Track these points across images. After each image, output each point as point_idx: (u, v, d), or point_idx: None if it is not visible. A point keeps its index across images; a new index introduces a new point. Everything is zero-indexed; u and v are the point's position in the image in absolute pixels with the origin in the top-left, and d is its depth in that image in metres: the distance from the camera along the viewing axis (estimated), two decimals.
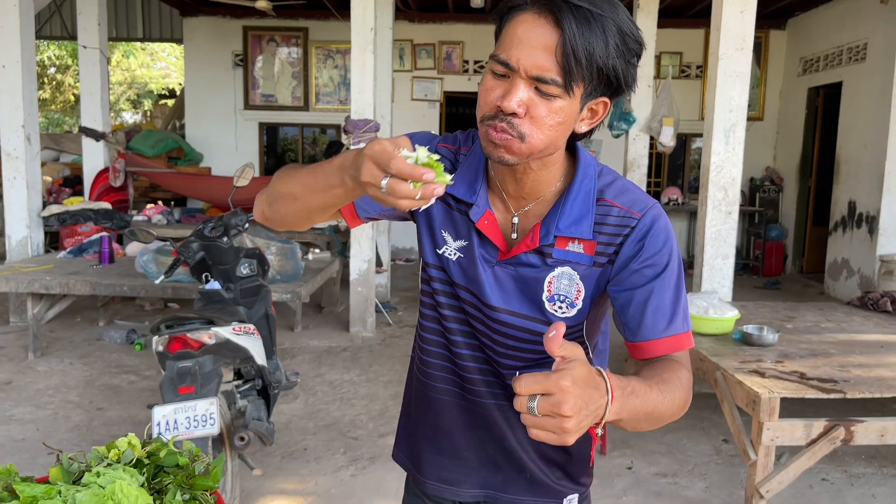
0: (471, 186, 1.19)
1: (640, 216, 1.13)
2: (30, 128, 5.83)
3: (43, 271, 4.95)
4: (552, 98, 1.02)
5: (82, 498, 0.99)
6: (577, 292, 1.15)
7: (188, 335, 2.82)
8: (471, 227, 1.19)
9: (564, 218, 1.14)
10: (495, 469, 1.32)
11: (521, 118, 1.03)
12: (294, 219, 1.19)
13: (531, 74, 1.00)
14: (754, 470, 3.06)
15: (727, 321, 3.81)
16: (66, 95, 19.56)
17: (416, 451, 1.39)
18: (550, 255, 1.15)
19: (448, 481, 1.35)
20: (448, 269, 1.23)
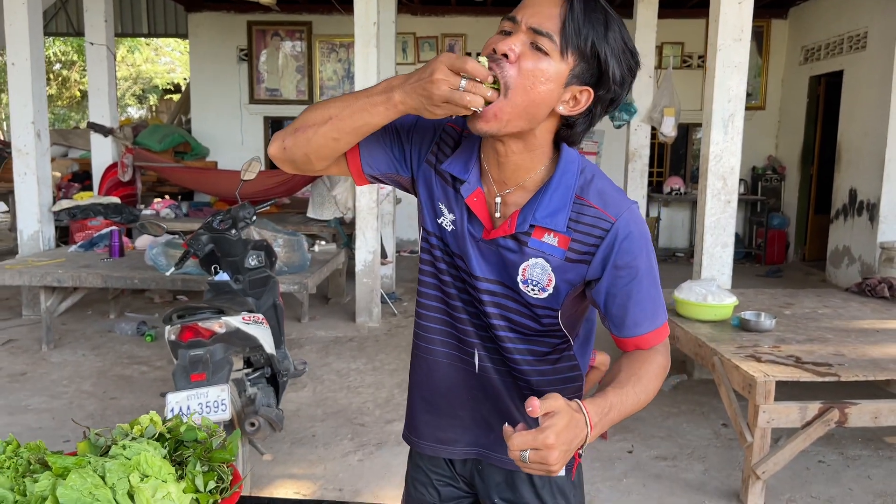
0: (465, 165, 1.27)
1: (614, 220, 1.19)
2: (39, 124, 5.93)
3: (55, 265, 5.05)
4: (543, 55, 1.09)
5: (111, 466, 1.08)
6: (548, 280, 1.23)
7: (199, 324, 2.91)
8: (462, 203, 1.28)
9: (542, 209, 1.20)
10: (487, 428, 1.40)
11: (511, 63, 1.09)
12: (318, 145, 1.22)
13: (530, 25, 1.09)
14: (751, 451, 3.14)
15: (725, 308, 3.89)
16: (71, 91, 19.67)
17: (414, 415, 1.48)
18: (526, 244, 1.22)
19: (442, 441, 1.45)
20: (445, 238, 1.32)
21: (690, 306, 3.90)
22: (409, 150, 1.33)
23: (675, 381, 4.65)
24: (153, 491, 1.09)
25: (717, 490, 3.34)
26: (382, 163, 1.33)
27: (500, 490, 1.44)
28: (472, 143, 1.29)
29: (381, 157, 1.32)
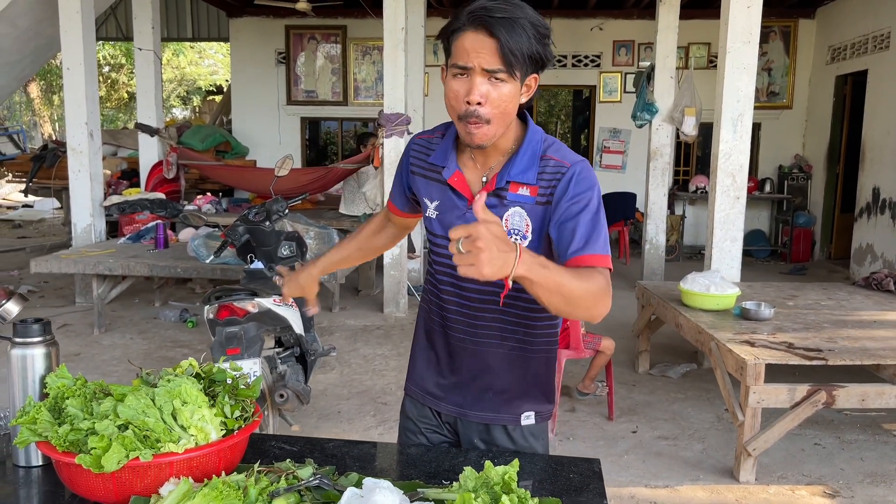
0: (444, 155, 1.60)
1: (569, 165, 1.49)
2: (92, 124, 6.37)
3: (106, 255, 5.46)
4: (502, 83, 1.39)
5: (159, 392, 1.39)
6: (525, 226, 1.52)
7: (235, 304, 3.24)
8: (444, 188, 1.59)
9: (515, 168, 1.50)
10: (467, 392, 1.70)
11: (484, 105, 1.40)
12: None
13: (485, 68, 1.37)
14: (742, 430, 3.36)
15: (728, 298, 4.09)
16: (119, 93, 20.43)
17: (414, 368, 1.81)
18: (505, 197, 1.51)
19: (432, 394, 1.75)
20: (432, 227, 1.64)
21: (694, 296, 4.11)
22: (405, 180, 1.72)
23: (684, 370, 4.85)
24: (191, 413, 1.39)
25: (713, 467, 3.56)
26: (402, 199, 1.77)
27: (479, 432, 1.73)
28: (448, 140, 1.61)
29: (402, 195, 1.76)
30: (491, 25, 1.35)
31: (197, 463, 1.33)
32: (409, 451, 1.64)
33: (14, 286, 6.89)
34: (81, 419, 1.35)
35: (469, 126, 1.43)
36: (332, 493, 1.36)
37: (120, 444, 1.27)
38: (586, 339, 4.00)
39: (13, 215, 12.98)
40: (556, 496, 1.41)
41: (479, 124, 1.42)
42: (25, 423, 1.36)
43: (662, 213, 7.49)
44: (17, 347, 1.51)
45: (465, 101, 1.40)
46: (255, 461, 1.51)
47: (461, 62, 1.39)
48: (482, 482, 1.32)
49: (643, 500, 3.22)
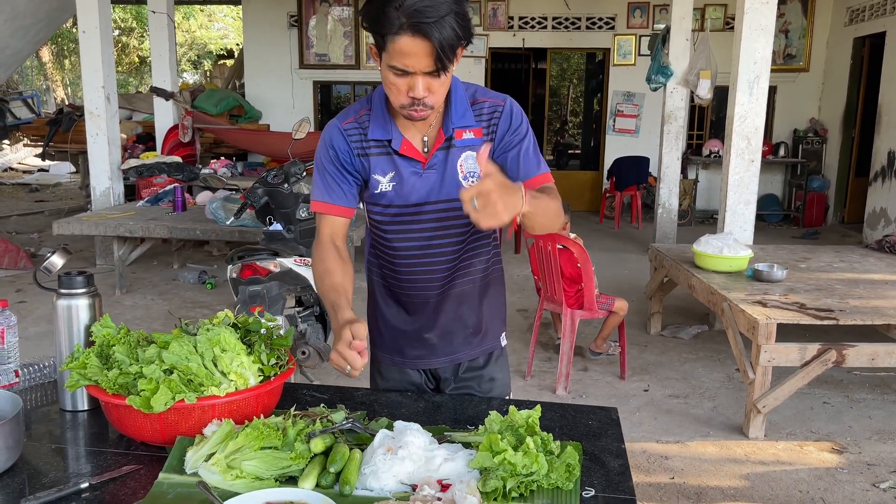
0: (384, 128, 1.64)
1: (503, 103, 1.65)
2: (108, 88, 6.41)
3: (126, 218, 5.55)
4: (441, 75, 1.46)
5: (200, 339, 1.46)
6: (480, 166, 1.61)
7: (258, 263, 3.32)
8: (393, 158, 1.65)
9: (454, 116, 1.61)
10: (451, 338, 1.81)
11: (428, 96, 1.48)
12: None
13: (424, 71, 1.44)
14: (752, 388, 3.43)
15: (740, 259, 4.13)
16: (130, 57, 20.39)
17: (391, 340, 1.87)
18: (455, 145, 1.62)
19: (424, 357, 1.84)
20: (385, 200, 1.68)
21: (707, 258, 4.16)
22: (349, 168, 1.68)
23: (695, 331, 4.92)
24: (231, 359, 1.46)
25: (723, 424, 3.64)
26: (350, 195, 1.70)
27: (453, 374, 1.87)
28: (379, 113, 1.64)
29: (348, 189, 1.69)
30: (426, 31, 1.39)
31: (237, 406, 1.41)
32: (435, 399, 1.71)
33: (35, 249, 7.01)
34: (129, 364, 1.43)
35: (415, 114, 1.51)
36: (364, 436, 1.44)
37: (167, 387, 1.35)
38: (600, 300, 4.06)
39: (30, 179, 13.10)
40: (576, 440, 1.48)
41: (425, 110, 1.51)
42: (75, 368, 1.44)
43: (676, 178, 7.49)
44: (62, 298, 1.59)
45: (410, 96, 1.48)
46: (289, 407, 1.59)
47: (400, 65, 1.43)
48: (507, 425, 1.40)
49: (654, 454, 3.31)
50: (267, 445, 1.30)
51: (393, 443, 1.35)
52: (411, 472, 1.29)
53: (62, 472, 1.34)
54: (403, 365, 1.87)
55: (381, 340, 1.91)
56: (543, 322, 4.88)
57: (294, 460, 1.28)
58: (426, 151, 1.65)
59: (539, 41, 9.93)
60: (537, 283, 4.33)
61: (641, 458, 3.25)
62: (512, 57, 10.76)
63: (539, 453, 1.29)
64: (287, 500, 1.20)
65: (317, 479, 1.26)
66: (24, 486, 1.28)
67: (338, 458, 1.29)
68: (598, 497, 1.28)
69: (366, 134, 1.65)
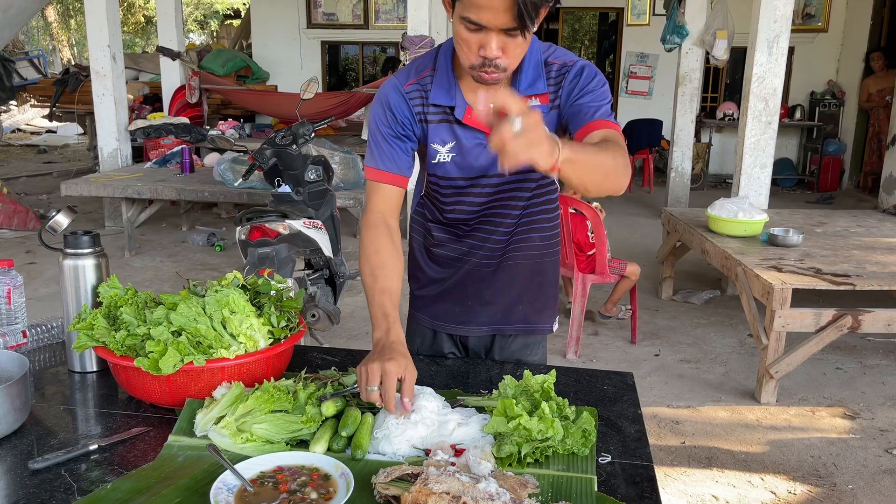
0: (447, 93, 1.51)
1: (572, 63, 1.48)
2: (115, 47, 6.32)
3: (134, 179, 5.52)
4: (517, 35, 1.29)
5: (209, 301, 1.43)
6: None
7: (266, 225, 3.28)
8: (456, 128, 1.53)
9: (522, 83, 1.47)
10: (497, 309, 1.75)
11: (501, 57, 1.32)
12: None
13: (501, 28, 1.27)
14: (766, 353, 3.40)
15: (755, 224, 4.07)
16: (136, 17, 20.15)
17: (434, 303, 1.80)
18: None
19: (465, 322, 1.78)
20: (443, 172, 1.58)
21: (722, 222, 4.09)
22: (410, 135, 1.55)
23: (707, 296, 4.88)
24: (240, 322, 1.43)
25: (734, 389, 3.62)
26: (407, 163, 1.57)
27: (485, 346, 1.82)
28: (444, 74, 1.50)
29: (405, 158, 1.56)
30: None
31: (247, 369, 1.39)
32: (448, 363, 1.68)
33: (44, 210, 7.00)
34: (136, 326, 1.40)
35: (485, 76, 1.35)
36: None
37: (175, 349, 1.32)
38: (612, 265, 4.02)
39: (38, 140, 13.06)
40: (591, 405, 1.45)
41: (497, 72, 1.35)
42: (83, 329, 1.41)
43: (689, 141, 7.37)
44: (69, 258, 1.55)
45: (481, 55, 1.32)
46: (299, 370, 1.57)
47: (474, 18, 1.27)
48: (522, 389, 1.37)
49: (665, 418, 3.30)
50: (277, 409, 1.28)
51: None
52: (424, 436, 1.27)
53: (71, 433, 1.32)
54: (443, 329, 1.80)
55: (418, 301, 1.84)
56: None
57: (305, 424, 1.26)
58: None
59: None
60: None
61: (652, 423, 3.23)
62: None
63: (554, 418, 1.26)
64: (298, 464, 1.18)
65: (328, 443, 1.24)
66: (32, 447, 1.26)
67: (349, 421, 1.27)
68: (614, 463, 1.25)
69: (427, 97, 1.51)
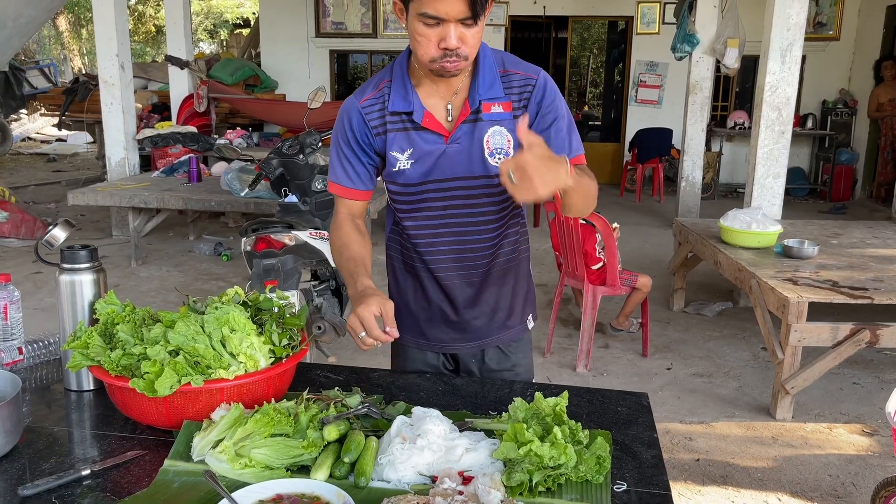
0: (405, 99, 1.53)
1: (536, 77, 1.54)
2: (123, 56, 6.31)
3: (140, 188, 5.49)
4: (473, 25, 1.38)
5: (208, 319, 1.38)
6: (507, 142, 1.53)
7: (272, 236, 3.24)
8: (414, 133, 1.53)
9: (481, 86, 1.51)
10: (478, 322, 1.71)
11: (462, 46, 1.39)
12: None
13: (458, 18, 1.35)
14: (781, 368, 3.32)
15: (769, 235, 3.99)
16: (147, 26, 20.26)
17: (414, 323, 1.77)
18: (482, 119, 1.51)
19: (448, 341, 1.74)
20: (404, 178, 1.57)
21: (735, 233, 4.02)
22: (368, 150, 1.59)
23: (720, 308, 4.80)
24: (240, 340, 1.38)
25: (749, 404, 3.54)
26: (367, 178, 1.62)
27: (475, 358, 1.77)
28: (399, 82, 1.53)
29: (365, 173, 1.62)
30: None
31: (247, 389, 1.34)
32: (455, 382, 1.63)
33: (52, 219, 6.99)
34: (133, 344, 1.36)
35: (448, 65, 1.41)
36: (381, 422, 1.36)
37: (172, 370, 1.27)
38: (622, 276, 3.95)
39: (47, 149, 13.10)
40: (605, 429, 1.39)
41: (458, 61, 1.41)
42: (77, 348, 1.37)
43: (700, 150, 7.30)
44: (65, 273, 1.51)
45: (442, 48, 1.39)
46: (302, 389, 1.51)
47: (432, 12, 1.35)
48: (532, 413, 1.31)
49: (678, 435, 3.23)
50: (278, 432, 1.23)
51: (411, 430, 1.27)
52: (431, 462, 1.21)
53: (64, 457, 1.28)
54: (427, 347, 1.77)
55: (401, 321, 1.81)
56: (563, 297, 4.78)
57: (306, 449, 1.21)
58: (450, 122, 1.53)
59: (560, 9, 9.68)
60: (558, 259, 4.22)
61: (665, 439, 3.16)
62: (532, 25, 10.52)
63: (567, 444, 1.20)
64: (298, 492, 1.13)
65: (330, 470, 1.19)
66: (23, 471, 1.21)
67: (353, 447, 1.22)
68: (630, 492, 1.19)
69: (386, 108, 1.54)
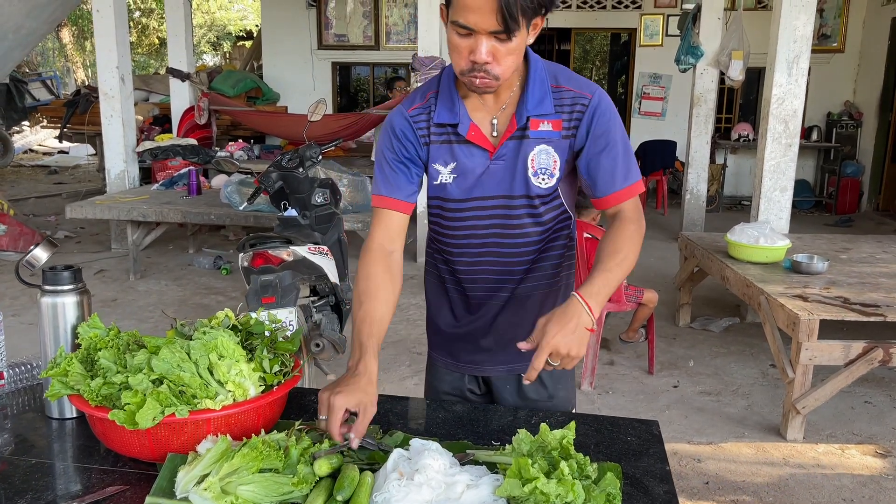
0: (451, 111, 1.47)
1: (590, 96, 1.44)
2: (123, 69, 6.28)
3: (140, 201, 5.44)
4: (507, 41, 1.29)
5: (195, 345, 1.31)
6: (553, 163, 1.46)
7: (269, 252, 3.17)
8: (458, 147, 1.47)
9: (530, 102, 1.43)
10: (509, 348, 1.60)
11: (491, 63, 1.31)
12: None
13: (489, 30, 1.27)
14: (792, 387, 3.23)
15: (777, 250, 3.92)
16: (150, 39, 20.31)
17: (445, 342, 1.71)
18: (528, 136, 1.45)
19: (480, 362, 1.67)
20: (445, 193, 1.52)
21: (742, 248, 3.95)
22: (415, 159, 1.52)
23: (726, 324, 4.72)
24: (228, 368, 1.31)
25: (758, 424, 3.45)
26: (411, 188, 1.54)
27: (513, 385, 1.69)
28: (446, 93, 1.47)
29: (407, 183, 1.53)
30: None
31: (235, 420, 1.27)
32: (456, 409, 1.55)
33: (51, 231, 6.94)
34: (114, 372, 1.29)
35: (476, 81, 1.34)
36: (377, 454, 1.28)
37: (154, 400, 1.20)
38: (628, 293, 3.87)
39: (49, 161, 13.08)
40: (614, 461, 1.32)
41: (487, 79, 1.34)
42: (56, 376, 1.30)
43: (704, 162, 7.23)
44: (47, 295, 1.44)
45: (471, 60, 1.32)
46: (295, 417, 1.44)
47: (462, 21, 1.28)
48: (538, 446, 1.23)
49: (685, 456, 3.14)
50: (266, 467, 1.15)
51: (409, 465, 1.19)
52: (429, 500, 1.13)
53: (41, 492, 1.20)
54: (455, 369, 1.70)
55: (433, 339, 1.75)
56: None
57: (296, 485, 1.13)
58: (495, 137, 1.47)
59: (563, 21, 9.65)
60: None
61: (673, 461, 3.07)
62: (537, 37, 10.48)
63: (575, 480, 1.12)
64: None
65: None
66: None
67: (346, 483, 1.14)
68: None
69: (432, 118, 1.49)
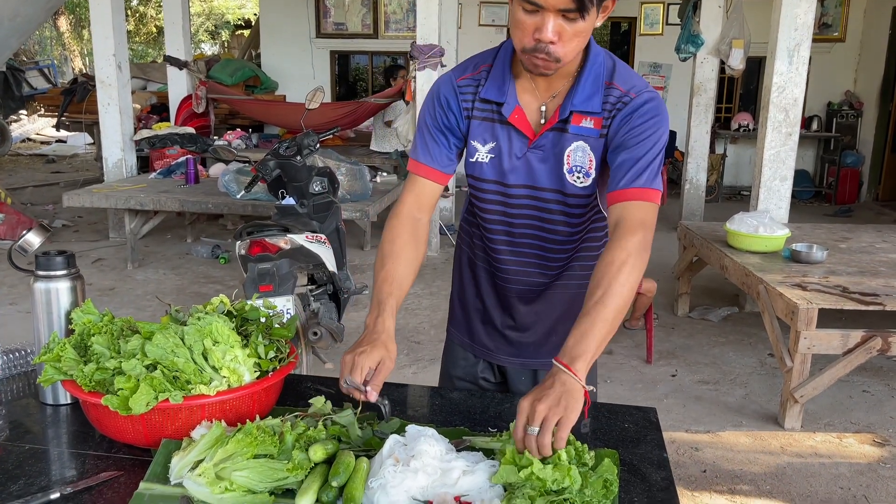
0: (499, 89, 1.42)
1: (634, 96, 1.36)
2: (120, 56, 6.24)
3: (137, 190, 5.42)
4: (576, 20, 1.23)
5: (189, 331, 1.30)
6: (589, 161, 1.40)
7: (267, 240, 3.16)
8: (500, 127, 1.43)
9: (578, 96, 1.37)
10: (526, 339, 1.64)
11: (557, 43, 1.25)
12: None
13: (558, 8, 1.21)
14: (790, 376, 3.23)
15: (777, 239, 3.90)
16: (148, 27, 20.21)
17: (464, 320, 1.72)
18: (567, 131, 1.39)
19: (493, 349, 1.68)
20: (479, 172, 1.49)
21: (741, 237, 3.94)
22: (455, 130, 1.48)
23: (725, 313, 4.71)
24: (223, 353, 1.30)
25: (756, 413, 3.45)
26: (448, 159, 1.50)
27: (528, 377, 1.68)
28: (500, 70, 1.42)
29: (446, 153, 1.49)
30: None
31: (230, 406, 1.26)
32: (452, 396, 1.55)
33: (49, 220, 6.92)
34: (108, 357, 1.27)
35: (536, 61, 1.28)
36: (373, 440, 1.27)
37: (148, 385, 1.19)
38: None
39: (47, 150, 13.03)
40: (611, 447, 1.31)
41: (549, 61, 1.27)
42: (49, 361, 1.29)
43: (704, 152, 7.21)
44: (40, 281, 1.43)
45: (535, 38, 1.25)
46: (292, 404, 1.43)
47: None
48: None
49: (683, 444, 3.14)
50: (261, 453, 1.14)
51: (405, 451, 1.18)
52: (425, 486, 1.13)
53: (35, 477, 1.19)
54: (471, 350, 1.71)
55: (454, 314, 1.75)
56: None
57: (291, 471, 1.12)
58: (539, 125, 1.42)
59: None
60: None
61: (671, 449, 3.06)
62: None
63: (572, 466, 1.12)
64: None
65: (317, 494, 1.10)
66: None
67: (341, 469, 1.13)
68: None
69: (479, 93, 1.44)
